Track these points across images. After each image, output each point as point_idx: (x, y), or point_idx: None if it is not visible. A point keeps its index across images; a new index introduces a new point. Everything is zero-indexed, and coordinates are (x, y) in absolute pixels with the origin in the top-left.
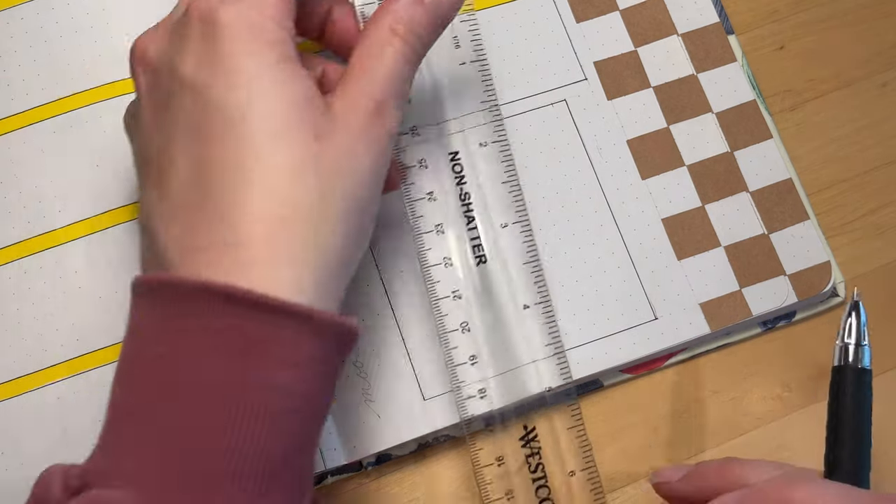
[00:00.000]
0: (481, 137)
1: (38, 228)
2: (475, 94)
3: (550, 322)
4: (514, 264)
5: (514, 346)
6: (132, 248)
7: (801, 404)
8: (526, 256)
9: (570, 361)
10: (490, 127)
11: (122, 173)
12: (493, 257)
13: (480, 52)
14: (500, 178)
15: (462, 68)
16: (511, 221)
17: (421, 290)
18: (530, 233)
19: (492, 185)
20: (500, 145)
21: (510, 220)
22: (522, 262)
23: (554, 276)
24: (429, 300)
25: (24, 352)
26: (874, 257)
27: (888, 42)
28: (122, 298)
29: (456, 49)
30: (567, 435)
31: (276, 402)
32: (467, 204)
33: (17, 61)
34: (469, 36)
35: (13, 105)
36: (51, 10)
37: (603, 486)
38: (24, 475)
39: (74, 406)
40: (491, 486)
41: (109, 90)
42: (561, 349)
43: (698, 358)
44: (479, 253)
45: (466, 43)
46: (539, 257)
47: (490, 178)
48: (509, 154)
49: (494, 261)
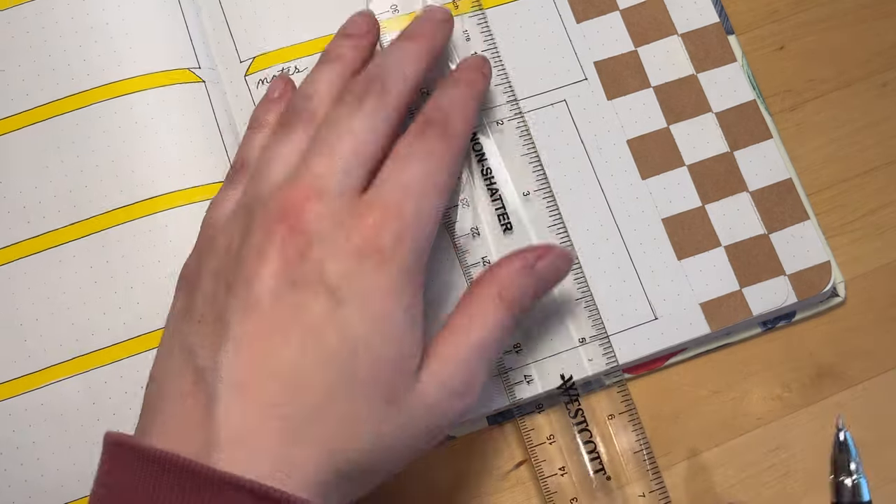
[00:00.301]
0: (498, 116)
1: (37, 229)
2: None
3: (580, 281)
4: (539, 229)
5: (544, 307)
6: (132, 250)
7: (801, 404)
8: (550, 221)
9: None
10: (506, 106)
11: (123, 174)
12: (517, 223)
13: (490, 41)
14: (518, 151)
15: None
16: (533, 190)
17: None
18: (552, 199)
19: (511, 159)
20: (517, 121)
21: (532, 189)
22: (547, 227)
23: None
24: (461, 270)
25: (25, 352)
26: (874, 257)
27: (888, 42)
28: (121, 299)
29: (467, 41)
30: (615, 410)
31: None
32: (489, 178)
33: (17, 61)
34: (479, 28)
35: (13, 105)
36: (51, 10)
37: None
38: (22, 476)
39: (74, 406)
40: (545, 463)
41: (110, 91)
42: (593, 305)
43: (698, 358)
44: (505, 221)
45: (476, 35)
46: (563, 221)
47: (509, 153)
48: (526, 129)
49: (520, 227)
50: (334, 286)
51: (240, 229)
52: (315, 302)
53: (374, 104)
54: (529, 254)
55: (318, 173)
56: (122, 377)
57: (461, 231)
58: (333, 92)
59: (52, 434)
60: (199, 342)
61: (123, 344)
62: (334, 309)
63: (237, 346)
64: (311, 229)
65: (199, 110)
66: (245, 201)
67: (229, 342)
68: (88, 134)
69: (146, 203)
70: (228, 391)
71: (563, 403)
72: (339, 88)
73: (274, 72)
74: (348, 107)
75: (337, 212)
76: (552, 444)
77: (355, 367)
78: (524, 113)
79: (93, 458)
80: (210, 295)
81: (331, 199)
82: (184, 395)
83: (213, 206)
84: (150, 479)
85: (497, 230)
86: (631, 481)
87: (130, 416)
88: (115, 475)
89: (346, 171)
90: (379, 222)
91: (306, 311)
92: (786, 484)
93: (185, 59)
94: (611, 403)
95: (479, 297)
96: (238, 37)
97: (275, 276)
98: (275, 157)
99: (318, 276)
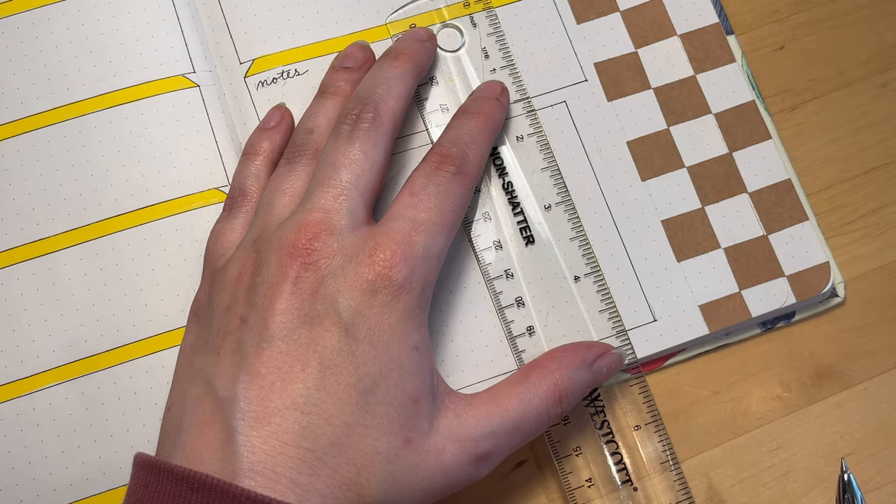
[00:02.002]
0: (518, 131)
1: (32, 235)
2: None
3: (603, 290)
4: (562, 241)
5: (568, 318)
6: (125, 258)
7: (801, 404)
8: (572, 233)
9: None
10: (526, 120)
11: (117, 183)
12: (539, 236)
13: (508, 57)
14: (539, 165)
15: (492, 74)
16: (554, 203)
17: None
18: (574, 211)
19: (532, 173)
20: (537, 136)
21: (553, 202)
22: (569, 238)
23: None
24: (483, 281)
25: (18, 357)
26: (874, 257)
27: (888, 42)
28: (114, 306)
29: (485, 59)
30: (641, 420)
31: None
32: (511, 192)
33: (12, 70)
34: (497, 46)
35: (7, 113)
36: (46, 20)
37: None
38: (14, 480)
39: (67, 411)
40: (571, 475)
41: (105, 101)
42: (616, 315)
43: (698, 358)
44: (527, 234)
45: (494, 52)
46: (586, 234)
47: (530, 167)
48: (546, 143)
49: (542, 239)
50: (348, 322)
51: (251, 264)
52: (329, 337)
53: (369, 133)
54: (590, 352)
55: (326, 207)
56: (116, 383)
57: (483, 244)
58: (333, 124)
59: (44, 439)
60: (217, 374)
61: (117, 350)
62: (349, 344)
63: (254, 378)
64: (323, 264)
65: (193, 116)
66: (254, 235)
67: (245, 374)
68: (83, 143)
69: (141, 212)
70: (247, 422)
71: (589, 415)
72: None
73: (274, 74)
74: (345, 137)
75: (348, 246)
76: (578, 456)
77: (371, 403)
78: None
79: (85, 463)
80: (224, 328)
81: (341, 234)
82: (203, 424)
83: (215, 237)
84: (181, 498)
85: (519, 243)
86: (658, 492)
87: (123, 422)
88: (146, 494)
89: (352, 204)
90: (390, 257)
91: (321, 346)
92: (786, 484)
93: (180, 64)
94: (637, 414)
95: (532, 381)
96: (238, 38)
97: (288, 311)
98: (282, 191)
99: (331, 312)
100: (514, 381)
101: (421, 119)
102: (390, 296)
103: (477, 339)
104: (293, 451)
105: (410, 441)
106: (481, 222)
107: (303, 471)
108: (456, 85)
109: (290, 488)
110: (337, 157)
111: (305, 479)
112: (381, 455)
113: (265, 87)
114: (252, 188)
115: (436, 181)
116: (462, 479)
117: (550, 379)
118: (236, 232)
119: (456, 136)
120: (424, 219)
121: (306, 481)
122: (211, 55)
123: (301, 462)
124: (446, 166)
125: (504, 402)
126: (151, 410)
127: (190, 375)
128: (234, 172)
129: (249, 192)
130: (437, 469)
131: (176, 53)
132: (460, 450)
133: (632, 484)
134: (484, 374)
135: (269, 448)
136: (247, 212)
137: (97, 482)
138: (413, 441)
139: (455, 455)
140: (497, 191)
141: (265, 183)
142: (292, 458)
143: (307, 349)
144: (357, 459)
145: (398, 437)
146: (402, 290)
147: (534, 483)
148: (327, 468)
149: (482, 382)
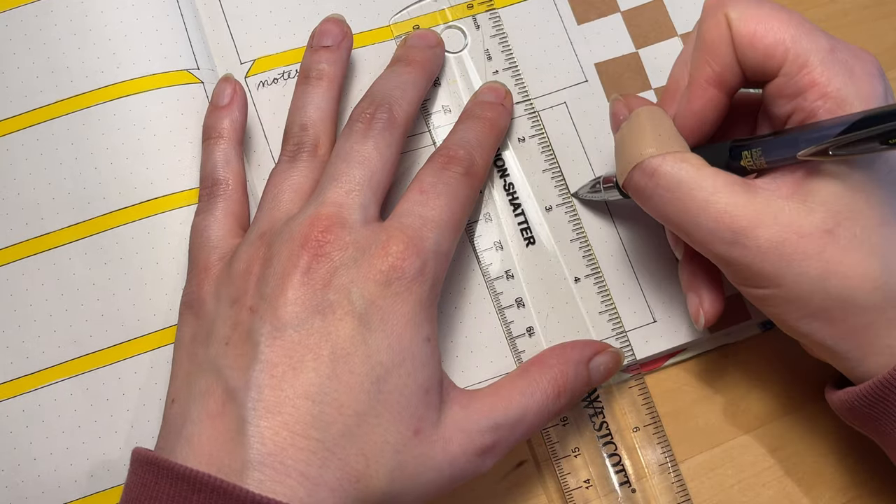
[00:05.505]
0: (519, 133)
1: (36, 230)
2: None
3: (603, 292)
4: (563, 242)
5: (568, 318)
6: (130, 252)
7: (800, 404)
8: (572, 234)
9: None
10: (527, 122)
11: (121, 176)
12: (540, 237)
13: (511, 59)
14: (540, 167)
15: (495, 76)
16: (555, 204)
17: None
18: (575, 212)
19: (533, 175)
20: (539, 138)
21: (554, 203)
22: (570, 239)
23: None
24: (484, 281)
25: (23, 354)
26: None
27: (888, 42)
28: (119, 301)
29: (488, 61)
30: (640, 422)
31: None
32: (512, 193)
33: (16, 63)
34: (500, 48)
35: (11, 107)
36: (49, 12)
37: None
38: (20, 477)
39: (71, 408)
40: (570, 475)
41: (108, 93)
42: (616, 316)
43: (698, 358)
44: (528, 235)
45: (497, 54)
46: (586, 235)
47: (531, 169)
48: (547, 144)
49: (542, 240)
50: (361, 312)
51: (261, 257)
52: (342, 326)
53: (383, 132)
54: (588, 349)
55: (338, 202)
56: (120, 379)
57: (484, 245)
58: (325, 115)
59: (49, 435)
60: (227, 363)
61: (121, 346)
62: (362, 333)
63: (266, 366)
64: (336, 256)
65: (197, 111)
66: (261, 230)
67: (258, 363)
68: (87, 136)
69: (145, 205)
70: (258, 412)
71: (588, 416)
72: (330, 109)
73: (275, 74)
74: (359, 135)
75: (360, 239)
76: (577, 457)
77: (383, 392)
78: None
79: (90, 460)
80: (232, 319)
81: (353, 228)
82: (212, 415)
83: (198, 231)
84: (181, 498)
85: (520, 244)
86: (657, 494)
87: (128, 418)
88: (144, 492)
89: (364, 199)
90: (403, 250)
91: (333, 335)
92: (786, 484)
93: (184, 60)
94: (636, 416)
95: (532, 376)
96: (238, 38)
97: (300, 300)
98: (286, 187)
99: (344, 302)
100: (515, 376)
101: (423, 120)
102: (403, 287)
103: (477, 340)
104: (303, 443)
105: (419, 431)
106: (482, 223)
107: (313, 463)
108: (458, 87)
109: (300, 482)
110: (351, 154)
111: (315, 472)
112: (390, 445)
113: (266, 88)
114: (225, 175)
115: (444, 180)
116: (467, 471)
117: (550, 374)
118: (219, 223)
119: (463, 139)
120: (434, 216)
121: (316, 474)
122: (212, 54)
123: (311, 454)
124: (454, 167)
125: (507, 395)
126: (156, 406)
127: (195, 366)
128: (201, 160)
129: (223, 180)
130: (444, 459)
131: (180, 49)
132: (467, 441)
133: (630, 486)
134: (483, 375)
135: (280, 439)
136: (225, 200)
137: (102, 479)
138: (422, 431)
139: (462, 446)
140: (498, 192)
141: (237, 167)
142: (302, 450)
143: (320, 338)
144: (367, 450)
145: (408, 426)
146: (415, 282)
147: (533, 483)
148: (337, 459)
149: (482, 383)
